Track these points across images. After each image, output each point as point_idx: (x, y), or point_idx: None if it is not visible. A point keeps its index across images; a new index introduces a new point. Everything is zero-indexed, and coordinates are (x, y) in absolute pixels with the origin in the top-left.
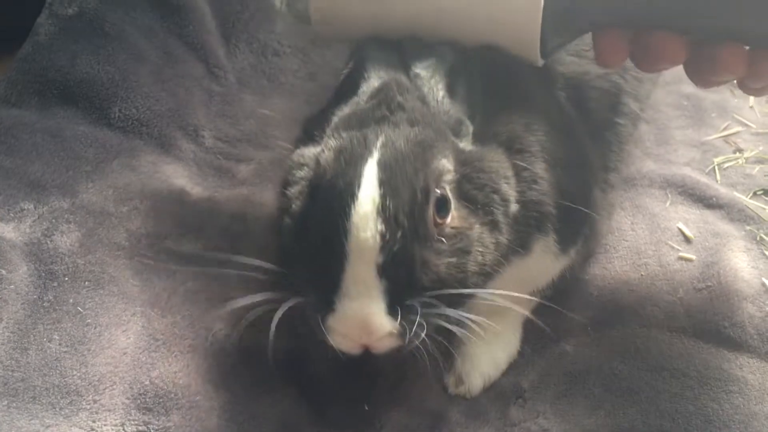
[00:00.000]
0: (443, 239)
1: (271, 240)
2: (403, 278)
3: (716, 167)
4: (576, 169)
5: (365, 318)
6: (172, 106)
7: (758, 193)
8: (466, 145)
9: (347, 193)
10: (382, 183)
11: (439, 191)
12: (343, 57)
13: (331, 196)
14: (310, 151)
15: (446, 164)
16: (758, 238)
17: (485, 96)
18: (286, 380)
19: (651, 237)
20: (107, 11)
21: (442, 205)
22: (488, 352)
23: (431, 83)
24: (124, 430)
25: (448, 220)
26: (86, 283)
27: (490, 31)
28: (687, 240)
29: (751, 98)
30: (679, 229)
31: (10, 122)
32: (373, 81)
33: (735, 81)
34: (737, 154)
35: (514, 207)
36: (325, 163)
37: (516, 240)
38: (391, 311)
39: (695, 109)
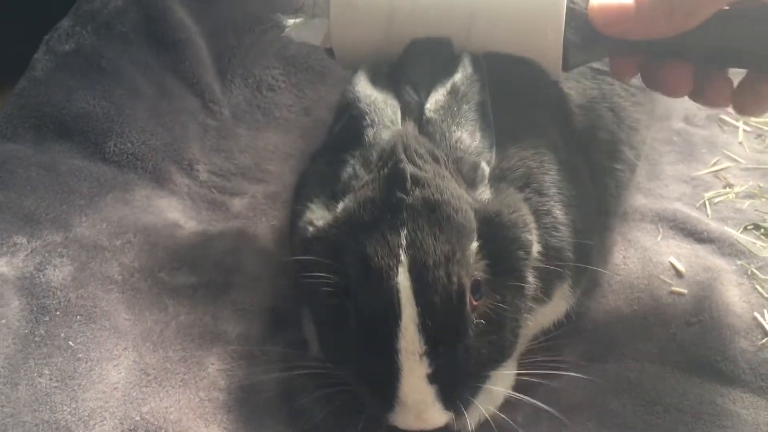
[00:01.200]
0: (481, 321)
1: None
2: (452, 378)
3: (707, 202)
4: (585, 207)
5: (423, 419)
6: (167, 141)
7: (749, 227)
8: (482, 193)
9: (389, 315)
10: (419, 297)
11: (471, 278)
12: (338, 92)
13: (373, 315)
14: (322, 217)
15: (473, 246)
16: (749, 273)
17: (497, 125)
18: (277, 415)
19: (643, 271)
20: (103, 47)
21: (476, 289)
22: (485, 388)
23: (443, 127)
24: None
25: (479, 302)
26: (78, 317)
27: (512, 41)
28: (679, 274)
29: (740, 134)
30: (671, 264)
31: (5, 156)
32: (379, 133)
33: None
34: (727, 189)
35: (534, 253)
36: (356, 275)
37: (537, 289)
38: (445, 405)
39: (685, 144)
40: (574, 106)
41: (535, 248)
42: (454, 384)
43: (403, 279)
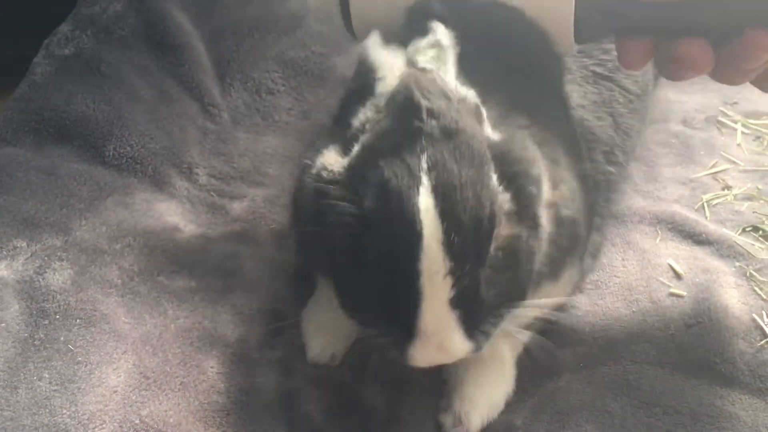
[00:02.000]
0: (499, 252)
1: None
2: (474, 304)
3: (705, 204)
4: (587, 192)
5: (445, 348)
6: (166, 144)
7: (747, 229)
8: (489, 132)
9: (410, 235)
10: (444, 216)
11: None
12: (337, 95)
13: (392, 237)
14: (336, 162)
15: (494, 175)
16: (748, 275)
17: (499, 80)
18: (277, 420)
19: (642, 273)
20: (103, 51)
21: (499, 218)
22: (486, 393)
23: (442, 69)
24: None
25: (499, 231)
26: (77, 320)
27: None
28: (677, 276)
29: (739, 136)
30: (670, 266)
31: (5, 160)
32: (387, 79)
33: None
34: (726, 191)
35: (546, 225)
36: (374, 201)
37: (548, 265)
38: (467, 334)
39: (683, 146)
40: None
41: (546, 188)
42: (476, 312)
43: (425, 199)
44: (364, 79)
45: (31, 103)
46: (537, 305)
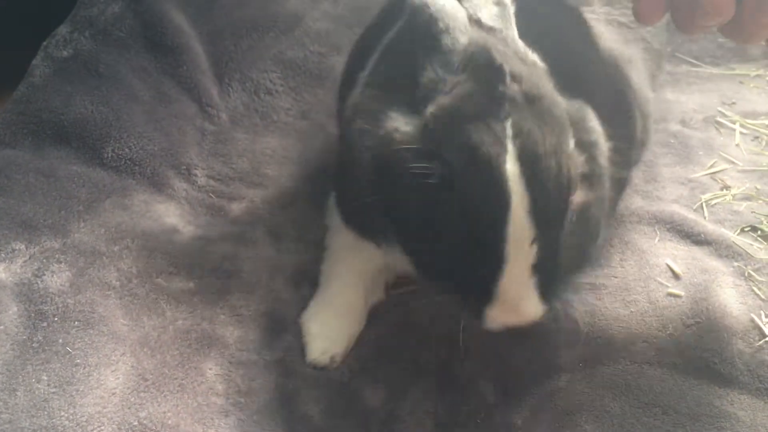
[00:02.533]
0: (573, 218)
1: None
2: (551, 270)
3: (704, 204)
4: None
5: (521, 313)
6: (165, 146)
7: (746, 229)
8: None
9: (498, 202)
10: (530, 184)
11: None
12: (334, 95)
13: (480, 203)
14: (407, 124)
15: (573, 142)
16: (746, 274)
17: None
18: (276, 421)
19: (640, 273)
20: (101, 53)
21: (576, 184)
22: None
23: (507, 35)
24: None
25: (574, 197)
26: (76, 323)
27: None
28: (676, 276)
29: (737, 136)
30: (668, 266)
31: (4, 162)
32: (453, 33)
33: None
34: (724, 191)
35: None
36: (461, 165)
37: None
38: (542, 299)
39: (682, 146)
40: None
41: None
42: (552, 278)
43: (512, 166)
44: (422, 28)
45: (30, 105)
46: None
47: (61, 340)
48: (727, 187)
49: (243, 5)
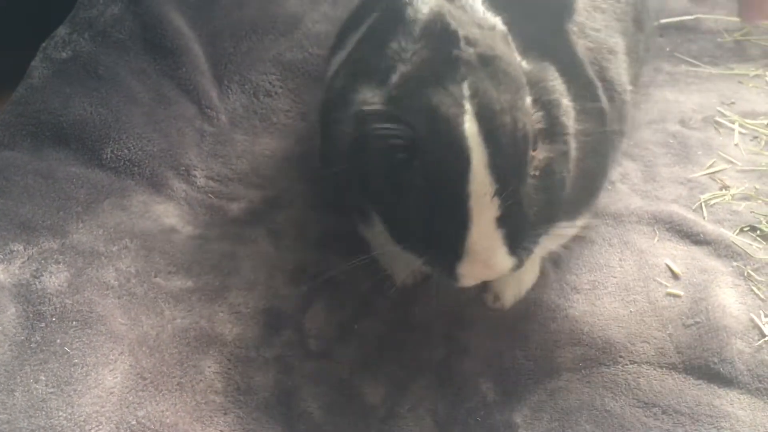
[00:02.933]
0: (536, 173)
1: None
2: (517, 223)
3: (703, 204)
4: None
5: (492, 266)
6: (164, 147)
7: (745, 229)
8: (522, 61)
9: (459, 160)
10: (488, 141)
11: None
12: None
13: (441, 163)
14: (375, 94)
15: (529, 99)
16: (746, 274)
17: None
18: (275, 418)
19: (639, 273)
20: (101, 54)
21: (534, 139)
22: (518, 276)
23: (469, 3)
24: None
25: (536, 153)
26: (74, 323)
27: None
28: (675, 276)
29: (736, 136)
30: (667, 266)
31: (2, 164)
32: (415, 4)
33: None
34: (723, 191)
35: (573, 152)
36: (423, 128)
37: (580, 190)
38: (510, 251)
39: (681, 146)
40: None
41: (572, 118)
42: (519, 230)
43: (470, 125)
44: (390, 3)
45: (29, 107)
46: (572, 226)
47: (59, 340)
48: (726, 187)
49: (242, 7)
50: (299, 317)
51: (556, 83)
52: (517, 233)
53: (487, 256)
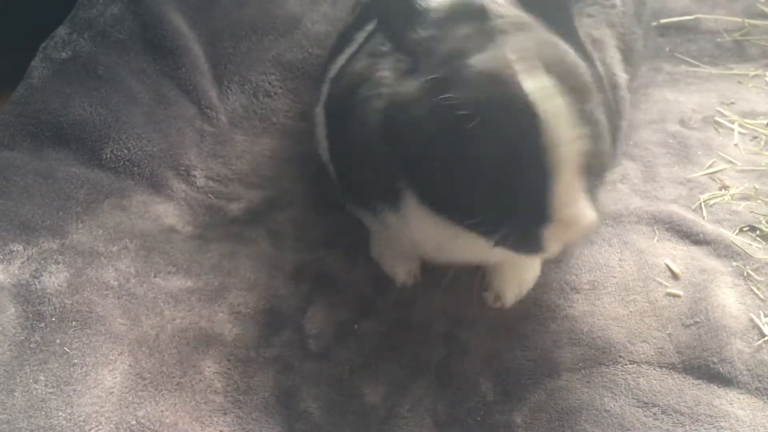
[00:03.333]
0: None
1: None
2: (591, 172)
3: (703, 204)
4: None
5: (580, 221)
6: (163, 147)
7: (744, 229)
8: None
9: (528, 118)
10: (548, 93)
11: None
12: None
13: (510, 125)
14: (408, 79)
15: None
16: (745, 274)
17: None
18: (275, 418)
19: (639, 273)
20: (100, 54)
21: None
22: (519, 275)
23: None
24: None
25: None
26: (73, 323)
27: None
28: (674, 276)
29: (736, 136)
30: (667, 266)
31: (2, 164)
32: None
33: None
34: (723, 191)
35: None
36: (483, 94)
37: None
38: (591, 205)
39: (681, 146)
40: None
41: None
42: (594, 180)
43: (529, 82)
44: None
45: (29, 107)
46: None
47: (58, 341)
48: (726, 187)
49: (242, 7)
50: (299, 317)
51: (582, 61)
52: (593, 184)
53: (575, 214)
